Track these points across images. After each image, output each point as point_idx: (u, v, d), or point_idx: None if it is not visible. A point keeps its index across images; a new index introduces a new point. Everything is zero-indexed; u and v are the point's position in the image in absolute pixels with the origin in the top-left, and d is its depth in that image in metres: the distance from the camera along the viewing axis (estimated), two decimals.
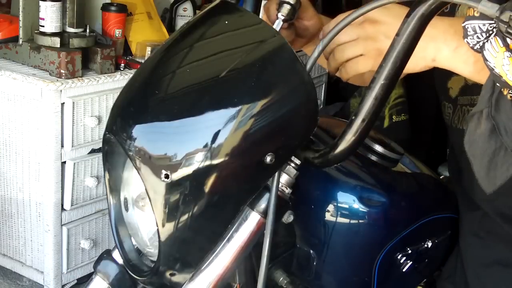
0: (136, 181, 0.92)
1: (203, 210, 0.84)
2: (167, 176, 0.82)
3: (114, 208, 0.95)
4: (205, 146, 0.81)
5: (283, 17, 0.97)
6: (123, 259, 0.96)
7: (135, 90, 0.90)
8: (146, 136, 0.85)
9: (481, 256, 1.03)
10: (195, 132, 0.83)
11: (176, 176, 0.82)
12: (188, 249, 0.88)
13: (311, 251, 1.06)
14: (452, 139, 1.17)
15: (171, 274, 0.89)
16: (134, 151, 0.84)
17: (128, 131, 0.85)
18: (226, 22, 0.91)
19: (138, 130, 0.85)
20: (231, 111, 0.82)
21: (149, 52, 2.28)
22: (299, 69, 0.85)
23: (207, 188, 0.83)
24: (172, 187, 0.83)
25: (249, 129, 0.82)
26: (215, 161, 0.82)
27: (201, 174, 0.82)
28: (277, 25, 0.97)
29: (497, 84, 0.83)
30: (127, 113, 0.88)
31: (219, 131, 0.81)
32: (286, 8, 0.97)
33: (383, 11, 0.91)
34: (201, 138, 0.82)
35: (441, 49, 0.89)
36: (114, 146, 0.90)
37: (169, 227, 0.85)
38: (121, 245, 0.96)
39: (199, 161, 0.81)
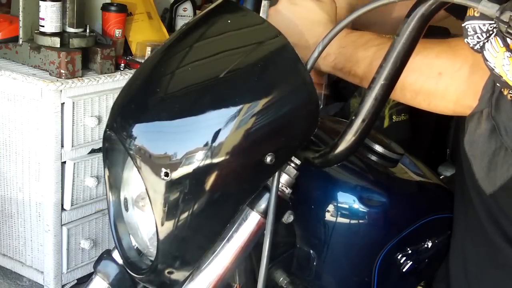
0: (136, 181, 0.92)
1: (202, 208, 0.84)
2: (166, 174, 0.82)
3: (113, 205, 0.95)
4: (205, 145, 0.81)
5: None
6: (122, 256, 0.96)
7: (136, 88, 0.90)
8: (146, 135, 0.85)
9: (473, 258, 1.03)
10: (196, 131, 0.83)
11: (175, 174, 0.82)
12: (187, 248, 0.88)
13: (311, 251, 1.06)
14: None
15: (169, 272, 0.88)
16: (134, 149, 0.84)
17: (129, 130, 0.85)
18: (229, 21, 0.91)
19: (138, 129, 0.85)
20: (232, 110, 0.82)
21: (149, 52, 2.28)
22: (300, 70, 0.85)
23: (206, 187, 0.83)
24: (171, 185, 0.83)
25: (249, 129, 0.82)
26: (214, 160, 0.82)
27: (200, 173, 0.82)
28: None
29: (497, 84, 0.83)
30: (128, 111, 0.88)
31: (219, 130, 0.81)
32: None
33: None
34: (201, 137, 0.82)
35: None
36: (115, 144, 0.91)
37: (168, 225, 0.85)
38: (120, 242, 0.96)
39: (198, 160, 0.81)
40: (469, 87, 0.90)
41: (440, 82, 0.92)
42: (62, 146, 2.09)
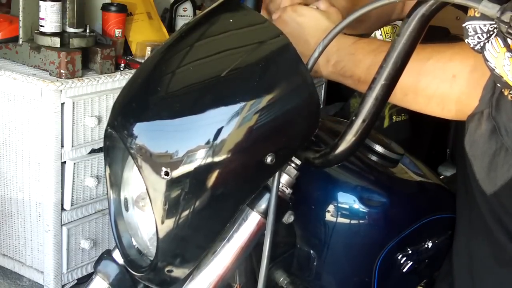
0: (136, 180, 0.92)
1: (202, 208, 0.84)
2: (167, 174, 0.82)
3: (114, 203, 0.96)
4: (206, 144, 0.81)
5: None
6: (122, 254, 0.96)
7: (137, 87, 0.90)
8: (147, 133, 0.85)
9: (478, 257, 1.03)
10: (196, 130, 0.83)
11: (175, 173, 0.82)
12: (186, 247, 0.88)
13: (312, 252, 1.06)
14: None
15: (169, 271, 0.89)
16: (135, 148, 0.84)
17: (129, 129, 0.85)
18: (231, 20, 0.91)
19: (139, 128, 0.85)
20: (233, 110, 0.82)
21: (149, 52, 2.28)
22: (302, 70, 0.85)
23: (206, 186, 0.83)
24: (171, 184, 0.83)
25: (250, 129, 0.82)
26: (215, 160, 0.82)
27: (200, 172, 0.82)
28: None
29: (498, 84, 0.83)
30: (129, 110, 0.88)
31: (219, 130, 0.81)
32: None
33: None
34: (202, 137, 0.82)
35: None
36: (116, 142, 0.91)
37: (168, 224, 0.85)
38: (120, 240, 0.96)
39: (199, 159, 0.81)
40: (482, 89, 0.90)
41: (454, 84, 0.92)
42: (62, 146, 2.09)
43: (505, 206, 0.94)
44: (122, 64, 2.24)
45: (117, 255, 1.02)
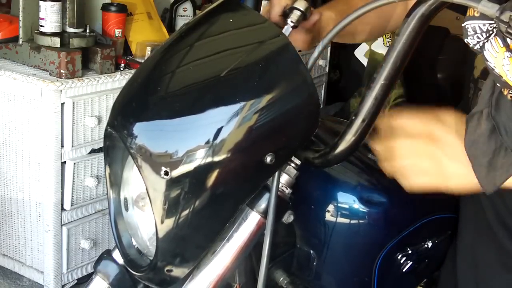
0: (136, 180, 0.92)
1: (201, 207, 0.84)
2: (166, 173, 0.82)
3: (114, 203, 0.96)
4: (205, 144, 0.81)
5: (292, 24, 0.99)
6: (122, 254, 0.96)
7: (136, 87, 0.90)
8: (147, 133, 0.85)
9: (483, 261, 1.03)
10: (196, 130, 0.83)
11: (175, 173, 0.82)
12: (186, 246, 0.88)
13: (311, 251, 1.06)
14: None
15: (169, 270, 0.89)
16: (135, 148, 0.84)
17: (129, 128, 0.85)
18: (231, 20, 0.91)
19: (139, 128, 0.85)
20: (232, 110, 0.82)
21: (149, 52, 2.28)
22: (302, 70, 0.85)
23: (205, 186, 0.83)
24: (171, 184, 0.83)
25: (249, 129, 0.82)
26: (214, 160, 0.82)
27: (200, 172, 0.82)
28: (287, 32, 0.98)
29: (497, 84, 0.83)
30: (128, 110, 0.88)
31: (219, 130, 0.81)
32: (296, 15, 0.99)
33: (444, 128, 0.89)
34: (202, 136, 0.82)
35: None
36: (116, 141, 0.91)
37: (167, 223, 0.85)
38: (120, 240, 0.96)
39: (198, 159, 0.82)
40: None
41: None
42: (62, 146, 2.09)
43: (509, 207, 0.94)
44: (122, 64, 2.24)
45: (117, 255, 1.02)
